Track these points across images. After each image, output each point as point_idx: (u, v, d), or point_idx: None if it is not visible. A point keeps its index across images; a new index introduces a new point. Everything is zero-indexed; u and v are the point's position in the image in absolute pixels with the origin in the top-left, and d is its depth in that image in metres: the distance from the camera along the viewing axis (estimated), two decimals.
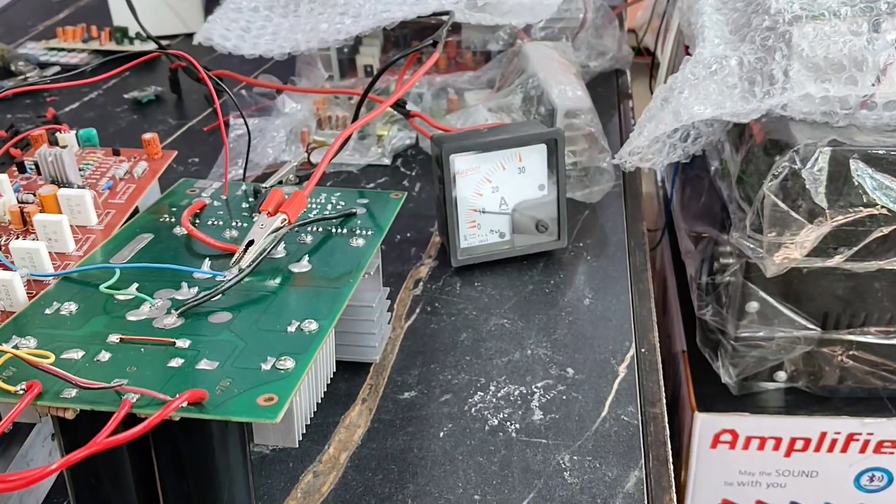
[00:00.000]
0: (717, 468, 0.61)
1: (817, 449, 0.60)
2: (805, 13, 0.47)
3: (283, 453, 0.39)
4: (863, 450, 0.60)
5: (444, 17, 0.56)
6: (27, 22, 0.95)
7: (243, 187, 0.47)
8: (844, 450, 0.60)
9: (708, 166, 0.60)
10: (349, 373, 0.43)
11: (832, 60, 0.46)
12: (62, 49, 0.84)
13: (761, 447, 0.60)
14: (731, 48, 0.48)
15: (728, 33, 0.50)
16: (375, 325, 0.42)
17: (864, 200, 0.47)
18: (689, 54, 0.54)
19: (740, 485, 0.62)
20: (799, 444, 0.60)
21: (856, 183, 0.46)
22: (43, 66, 0.81)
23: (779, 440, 0.60)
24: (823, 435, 0.59)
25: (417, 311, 0.48)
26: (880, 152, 0.46)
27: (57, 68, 0.81)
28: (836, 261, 0.49)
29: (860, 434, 0.59)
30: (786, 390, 0.59)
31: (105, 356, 0.32)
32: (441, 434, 0.40)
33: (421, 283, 0.51)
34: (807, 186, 0.46)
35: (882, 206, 0.47)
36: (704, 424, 0.59)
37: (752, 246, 0.50)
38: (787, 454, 0.60)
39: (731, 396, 0.58)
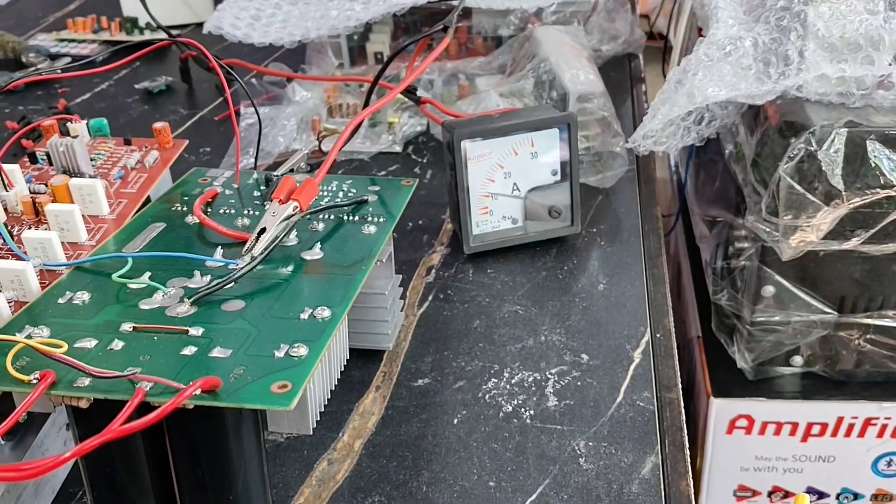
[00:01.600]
0: (733, 454, 0.61)
1: (834, 434, 0.59)
2: None
3: (298, 441, 0.38)
4: (880, 434, 0.59)
5: (455, 2, 0.55)
6: (38, 13, 0.96)
7: (254, 176, 0.46)
8: (861, 434, 0.59)
9: (722, 150, 0.59)
10: (362, 360, 0.43)
11: (848, 40, 0.45)
12: (73, 40, 0.84)
13: (777, 432, 0.59)
14: (745, 29, 0.47)
15: (742, 14, 0.49)
16: (388, 312, 0.42)
17: (882, 182, 0.46)
18: (702, 37, 0.53)
19: (756, 470, 0.62)
20: (815, 430, 0.59)
21: (873, 164, 0.46)
22: (54, 57, 0.81)
23: (795, 425, 0.59)
24: (840, 420, 0.59)
25: (430, 298, 0.48)
26: None
27: (68, 59, 0.81)
28: (852, 243, 0.49)
29: (877, 419, 0.58)
30: (802, 375, 0.58)
31: (118, 345, 0.32)
32: (455, 421, 0.39)
33: (433, 271, 0.50)
34: (823, 168, 0.46)
35: None
36: (720, 410, 0.59)
37: (767, 229, 0.49)
38: (804, 439, 0.60)
39: (747, 382, 0.58)
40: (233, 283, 0.35)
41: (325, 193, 0.44)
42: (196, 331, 0.32)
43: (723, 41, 0.46)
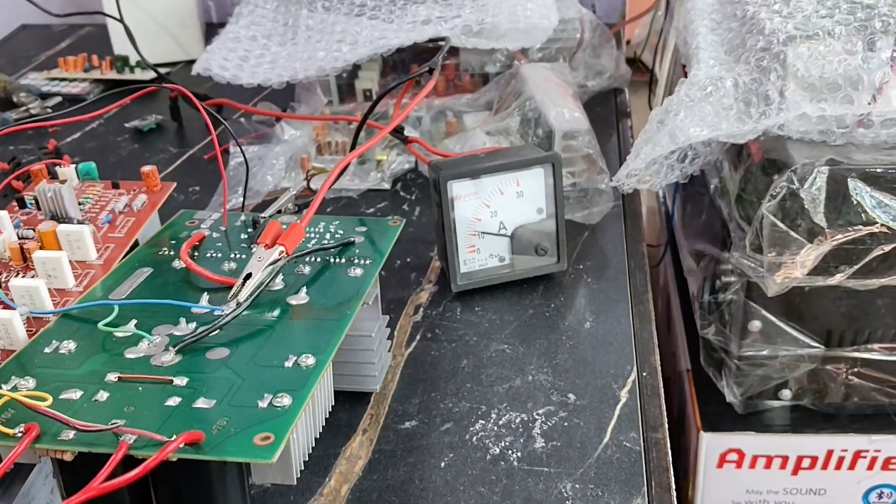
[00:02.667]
0: (724, 488, 0.61)
1: (824, 467, 0.59)
2: (799, 33, 0.47)
3: (285, 487, 0.38)
4: (870, 467, 0.59)
5: (440, 43, 0.56)
6: (29, 52, 0.96)
7: (242, 217, 0.47)
8: (852, 467, 0.59)
9: (707, 184, 0.60)
10: (350, 402, 0.43)
11: (828, 80, 0.46)
12: (64, 79, 0.85)
13: (768, 466, 0.59)
14: (726, 69, 0.48)
15: (723, 54, 0.50)
16: (375, 354, 0.42)
17: (864, 219, 0.47)
18: (686, 73, 0.54)
19: None
20: (806, 462, 0.59)
21: (854, 202, 0.46)
22: (45, 96, 0.81)
23: (785, 458, 0.59)
24: (830, 452, 0.59)
25: (418, 337, 0.48)
26: (878, 170, 0.46)
27: (59, 98, 0.81)
28: (837, 279, 0.49)
29: (867, 451, 0.58)
30: (791, 408, 0.59)
31: (103, 396, 0.32)
32: (442, 464, 0.39)
33: (421, 309, 0.51)
34: (805, 206, 0.46)
35: (882, 224, 0.46)
36: (710, 444, 0.59)
37: (752, 265, 0.49)
38: (795, 472, 0.60)
39: (737, 415, 0.58)
40: (217, 331, 0.35)
41: (312, 235, 0.45)
42: (181, 380, 0.32)
43: (704, 81, 0.47)
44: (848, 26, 0.46)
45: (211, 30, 0.91)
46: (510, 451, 0.40)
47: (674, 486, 0.39)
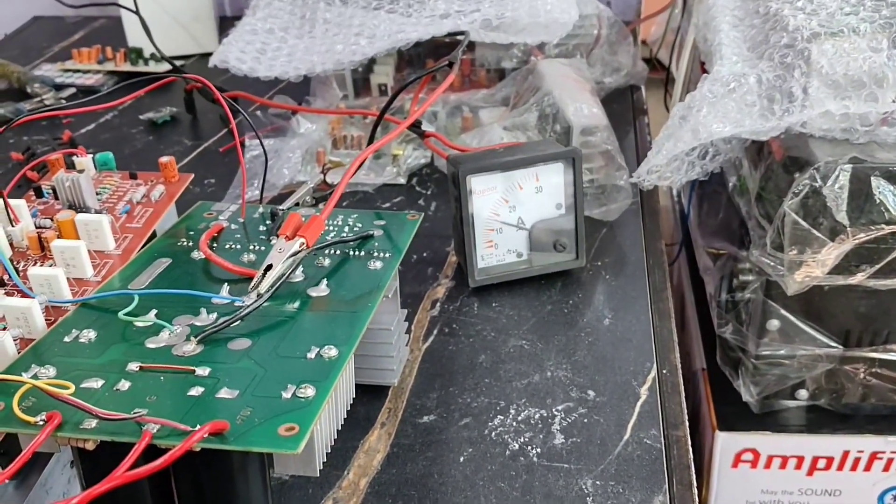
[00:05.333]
0: (738, 488, 0.60)
1: (840, 468, 0.59)
2: (824, 30, 0.46)
3: (303, 479, 0.38)
4: (886, 468, 0.59)
5: (459, 37, 0.56)
6: (42, 44, 0.96)
7: (260, 210, 0.46)
8: (868, 468, 0.59)
9: (725, 182, 0.59)
10: (367, 396, 0.43)
11: (852, 77, 0.46)
12: (77, 70, 0.85)
13: (783, 466, 0.59)
14: (749, 66, 0.48)
15: (746, 51, 0.50)
16: (393, 347, 0.42)
17: (886, 218, 0.46)
18: (705, 70, 0.53)
19: None
20: (821, 463, 0.59)
21: (877, 200, 0.46)
22: (59, 87, 0.81)
23: (801, 459, 0.59)
24: (846, 453, 0.58)
25: (435, 332, 0.48)
26: None
27: (73, 90, 0.81)
28: (858, 278, 0.49)
29: (884, 452, 0.58)
30: (807, 408, 0.58)
31: (125, 385, 0.31)
32: (461, 459, 0.39)
33: (438, 304, 0.50)
34: (828, 204, 0.46)
35: None
36: (725, 443, 0.59)
37: (772, 264, 0.49)
38: (810, 473, 0.59)
39: (753, 415, 0.58)
40: (239, 321, 0.35)
41: (331, 228, 0.44)
42: (203, 370, 0.32)
43: (727, 78, 0.47)
44: (873, 24, 0.46)
45: (225, 23, 0.91)
46: (530, 447, 0.40)
47: (695, 484, 0.39)
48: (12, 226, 0.43)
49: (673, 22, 0.84)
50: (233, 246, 0.43)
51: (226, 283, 0.39)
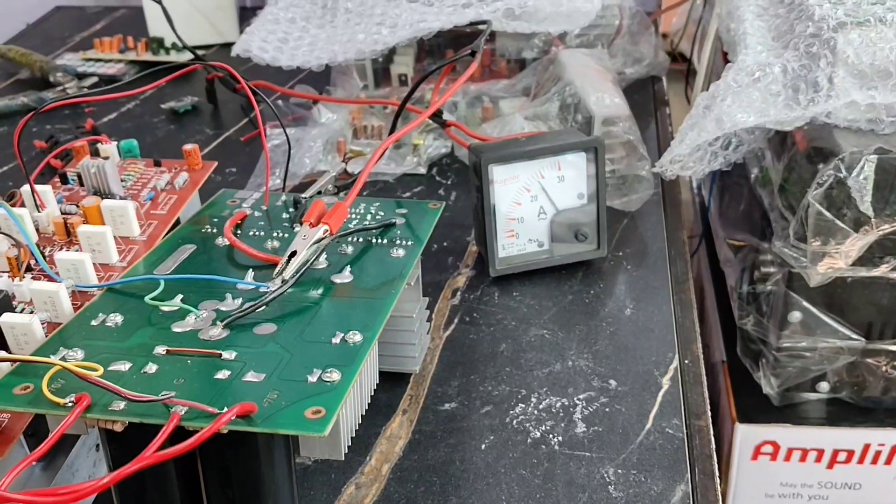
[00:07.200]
0: (758, 480, 0.60)
1: (860, 461, 0.59)
2: (850, 19, 0.46)
3: (326, 465, 0.38)
4: None
5: (481, 27, 0.56)
6: (64, 33, 0.97)
7: (283, 198, 0.47)
8: (889, 462, 0.58)
9: (747, 173, 0.59)
10: (389, 383, 0.43)
11: (878, 67, 0.45)
12: (99, 60, 0.85)
13: (803, 459, 0.59)
14: (774, 55, 0.47)
15: (771, 40, 0.49)
16: (415, 335, 0.42)
17: None
18: (727, 61, 0.53)
19: (781, 497, 0.61)
20: (842, 456, 0.59)
21: None
22: (81, 76, 0.82)
23: (821, 452, 0.58)
24: (867, 447, 0.58)
25: (456, 321, 0.48)
26: None
27: (95, 79, 0.82)
28: (881, 270, 0.49)
29: None
30: (828, 401, 0.58)
31: (152, 368, 0.32)
32: (483, 446, 0.39)
33: (459, 293, 0.50)
34: (852, 195, 0.46)
35: None
36: (745, 436, 0.58)
37: (795, 255, 0.49)
38: (830, 466, 0.59)
39: (773, 407, 0.58)
40: (264, 307, 0.35)
41: (354, 216, 0.44)
42: (229, 354, 0.32)
43: (752, 67, 0.46)
44: None
45: (245, 13, 0.92)
46: (551, 435, 0.40)
47: (717, 474, 0.39)
48: (38, 211, 0.43)
49: (694, 13, 0.83)
50: (257, 233, 0.43)
51: (250, 269, 0.39)
